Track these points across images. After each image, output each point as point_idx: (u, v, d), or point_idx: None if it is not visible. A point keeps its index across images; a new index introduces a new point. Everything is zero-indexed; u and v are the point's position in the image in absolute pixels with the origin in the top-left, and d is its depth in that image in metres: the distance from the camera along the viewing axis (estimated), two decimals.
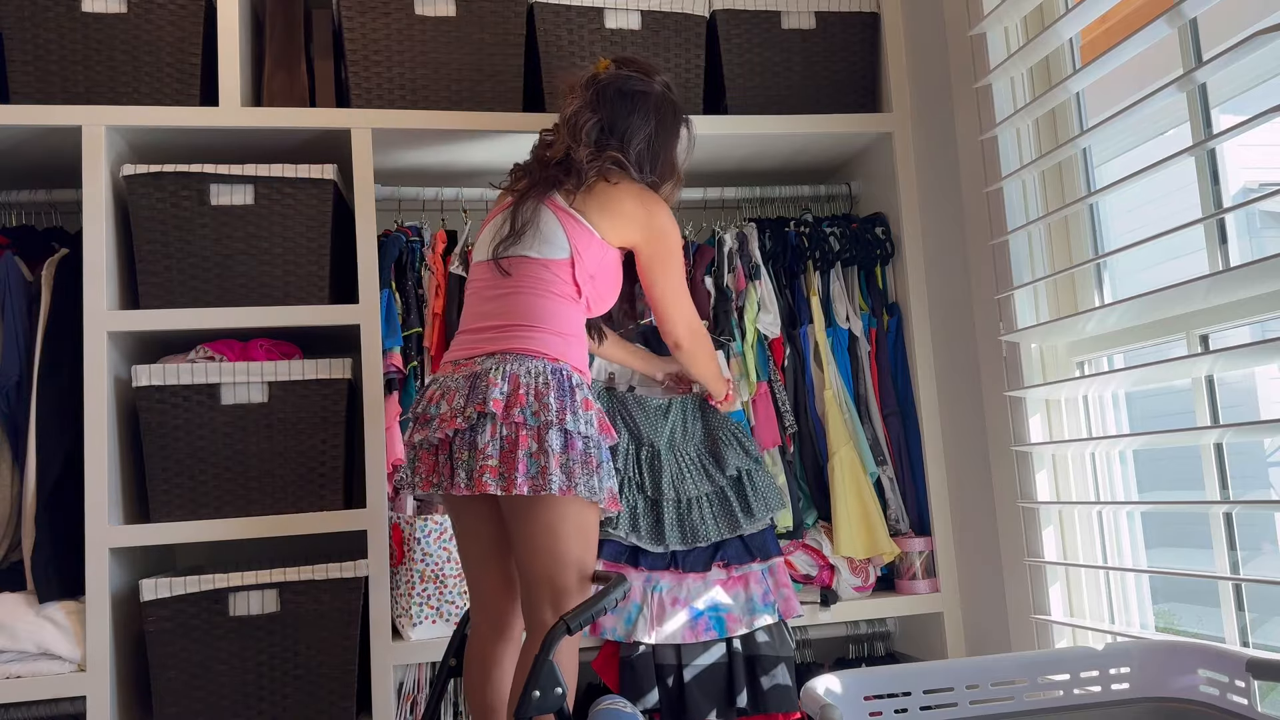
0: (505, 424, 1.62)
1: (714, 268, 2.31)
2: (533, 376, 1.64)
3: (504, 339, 1.69)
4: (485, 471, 1.59)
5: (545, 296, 1.72)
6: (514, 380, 1.63)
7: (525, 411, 1.61)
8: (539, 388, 1.63)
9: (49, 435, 1.96)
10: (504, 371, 1.64)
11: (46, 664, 1.88)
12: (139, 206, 2.02)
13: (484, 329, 1.73)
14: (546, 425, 1.61)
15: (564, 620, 1.55)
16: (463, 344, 1.75)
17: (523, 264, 1.74)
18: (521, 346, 1.68)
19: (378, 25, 2.16)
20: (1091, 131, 1.72)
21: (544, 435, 1.60)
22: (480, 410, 1.61)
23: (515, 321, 1.70)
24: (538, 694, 1.50)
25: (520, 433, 1.60)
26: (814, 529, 2.24)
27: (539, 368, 1.65)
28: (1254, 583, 1.56)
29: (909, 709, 1.40)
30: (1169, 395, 1.87)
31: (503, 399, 1.62)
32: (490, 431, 1.61)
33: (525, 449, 1.60)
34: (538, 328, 1.70)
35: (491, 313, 1.74)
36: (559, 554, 1.64)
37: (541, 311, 1.71)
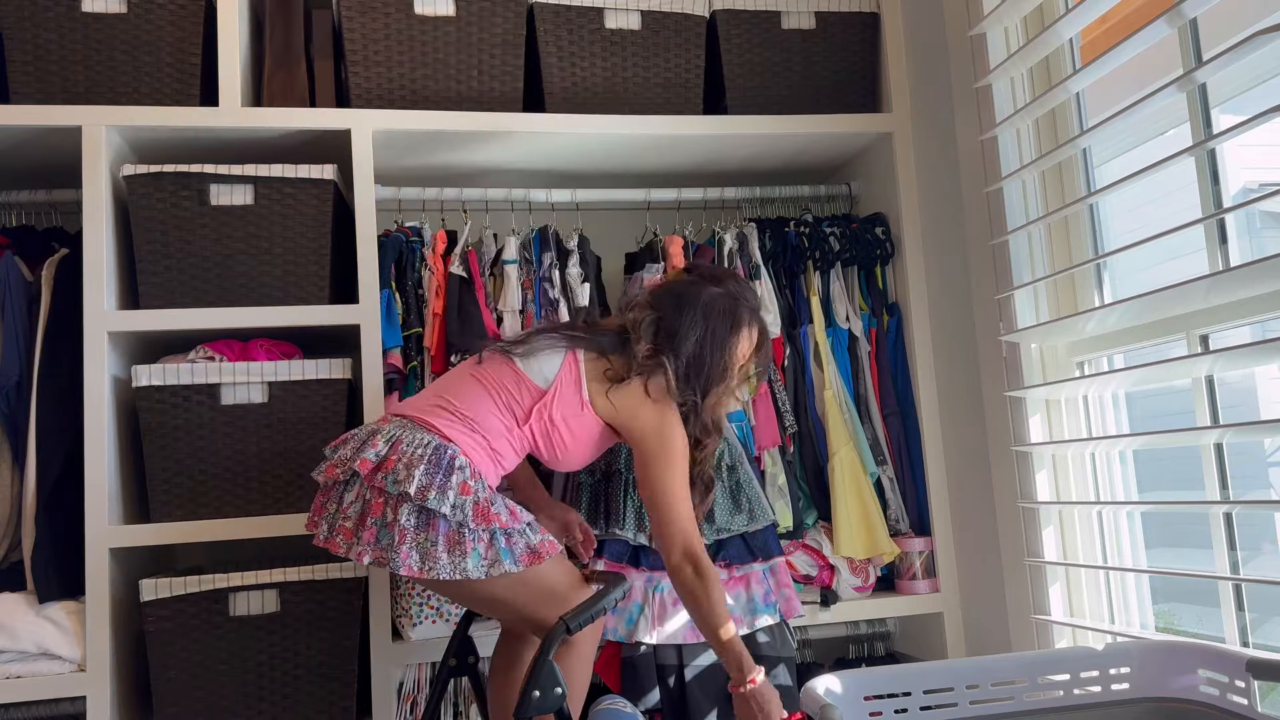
0: (369, 488, 1.57)
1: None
2: (412, 447, 1.58)
3: (427, 411, 1.66)
4: (340, 531, 1.57)
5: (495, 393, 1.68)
6: (395, 445, 1.58)
7: (388, 479, 1.55)
8: (413, 457, 1.56)
9: (49, 435, 1.96)
10: (391, 436, 1.60)
11: (46, 664, 1.88)
12: (139, 206, 2.02)
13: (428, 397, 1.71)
14: (403, 498, 1.53)
15: (563, 620, 1.55)
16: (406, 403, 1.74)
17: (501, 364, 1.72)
18: (429, 421, 1.63)
19: (378, 25, 2.16)
20: (1091, 131, 1.73)
21: (398, 508, 1.54)
22: (352, 468, 1.59)
23: (451, 404, 1.66)
24: (538, 694, 1.50)
25: (377, 499, 1.56)
26: (814, 529, 2.24)
27: (423, 440, 1.59)
28: (1254, 583, 1.56)
29: (909, 709, 1.40)
30: (1169, 395, 1.87)
31: (374, 461, 1.57)
32: (355, 492, 1.59)
33: (378, 517, 1.55)
34: (457, 412, 1.65)
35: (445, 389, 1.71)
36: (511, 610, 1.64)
37: (475, 400, 1.67)
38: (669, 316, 1.77)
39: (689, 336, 1.76)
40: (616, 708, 1.89)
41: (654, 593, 2.03)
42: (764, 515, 2.10)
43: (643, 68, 2.28)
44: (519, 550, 1.57)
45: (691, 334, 1.76)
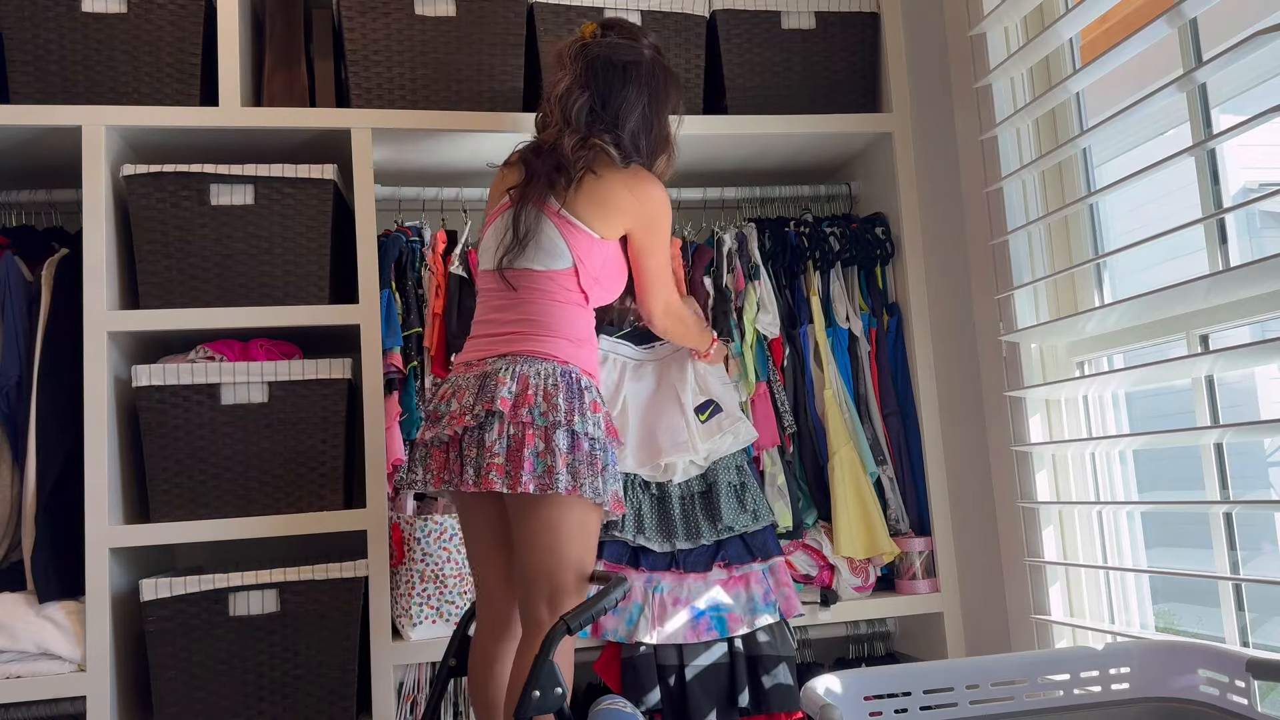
0: (513, 423, 1.63)
1: (713, 268, 2.31)
2: (542, 378, 1.66)
3: (515, 341, 1.71)
4: (492, 469, 1.61)
5: (553, 304, 1.74)
6: (523, 380, 1.66)
7: (533, 411, 1.63)
8: (548, 389, 1.65)
9: (49, 435, 1.96)
10: (514, 372, 1.66)
11: (46, 664, 1.88)
12: (139, 206, 2.02)
13: (495, 333, 1.75)
14: (554, 425, 1.63)
15: (564, 620, 1.55)
16: (474, 347, 1.77)
17: (529, 276, 1.75)
18: (531, 349, 1.70)
19: (378, 25, 2.16)
20: (1091, 131, 1.73)
21: (551, 435, 1.62)
22: (488, 408, 1.63)
23: (525, 327, 1.72)
24: (538, 694, 1.50)
25: (527, 432, 1.62)
26: (814, 529, 2.24)
27: (548, 369, 1.68)
28: (1254, 583, 1.56)
29: (909, 709, 1.40)
30: (1169, 395, 1.87)
31: (510, 398, 1.64)
32: (498, 430, 1.63)
33: (532, 448, 1.62)
34: (548, 332, 1.72)
35: (502, 319, 1.76)
36: (559, 552, 1.65)
37: (551, 317, 1.73)
38: (605, 90, 1.79)
39: (634, 108, 1.80)
40: (616, 708, 1.89)
41: (653, 593, 2.03)
42: (765, 515, 2.10)
43: None
44: (610, 490, 1.69)
45: (636, 105, 1.80)
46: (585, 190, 1.76)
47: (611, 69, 1.80)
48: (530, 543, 1.67)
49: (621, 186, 1.78)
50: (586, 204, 1.76)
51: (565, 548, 1.66)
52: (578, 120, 1.78)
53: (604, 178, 1.77)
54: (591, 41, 1.83)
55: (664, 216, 1.84)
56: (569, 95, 1.79)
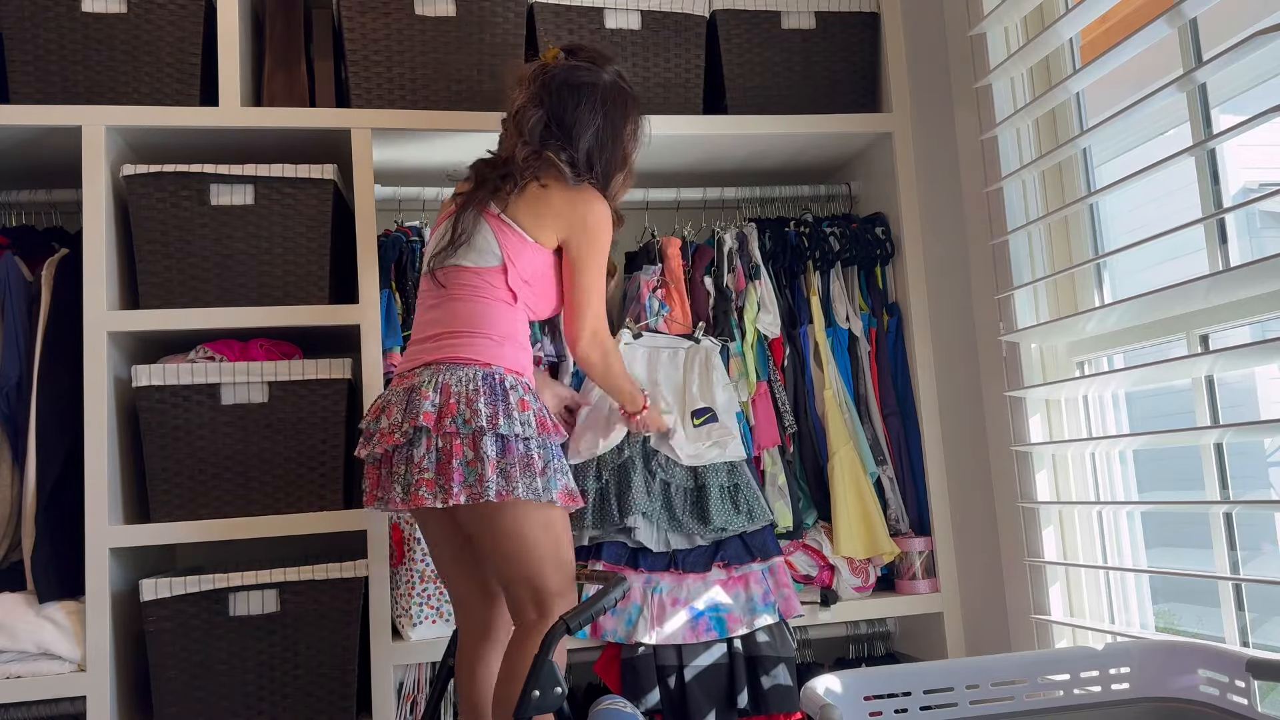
0: (439, 435, 1.62)
1: (713, 268, 2.31)
2: (463, 384, 1.64)
3: (437, 349, 1.70)
4: (421, 485, 1.60)
5: (477, 301, 1.73)
6: (445, 390, 1.64)
7: (457, 421, 1.61)
8: (469, 394, 1.63)
9: (49, 435, 1.96)
10: (435, 383, 1.65)
11: (46, 664, 1.88)
12: (139, 206, 2.02)
13: (422, 340, 1.74)
14: (480, 432, 1.61)
15: (564, 620, 1.55)
16: (406, 357, 1.77)
17: (456, 273, 1.75)
18: (452, 355, 1.68)
19: (378, 25, 2.16)
20: (1091, 131, 1.73)
21: (479, 442, 1.61)
22: (414, 424, 1.62)
23: (448, 330, 1.71)
24: (537, 694, 1.50)
25: (454, 442, 1.61)
26: (814, 529, 2.24)
27: (469, 375, 1.65)
28: (1254, 583, 1.56)
29: (909, 709, 1.40)
30: (1169, 395, 1.87)
31: (434, 411, 1.62)
32: (425, 445, 1.62)
33: (460, 458, 1.60)
34: (469, 333, 1.70)
35: (429, 323, 1.75)
36: (527, 556, 1.65)
37: (473, 316, 1.71)
38: (559, 109, 1.79)
39: (587, 127, 1.80)
40: (616, 708, 1.89)
41: (652, 594, 2.03)
42: (762, 515, 2.10)
43: (643, 67, 2.28)
44: (559, 486, 1.67)
45: (590, 125, 1.80)
46: (528, 197, 1.77)
47: (567, 89, 1.81)
48: (497, 553, 1.67)
49: (561, 197, 1.78)
50: (525, 210, 1.76)
51: (532, 550, 1.65)
52: (531, 135, 1.79)
53: (549, 189, 1.78)
54: (552, 65, 1.84)
55: (602, 230, 1.80)
56: (524, 112, 1.80)
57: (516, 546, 1.65)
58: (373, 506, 1.73)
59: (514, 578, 1.67)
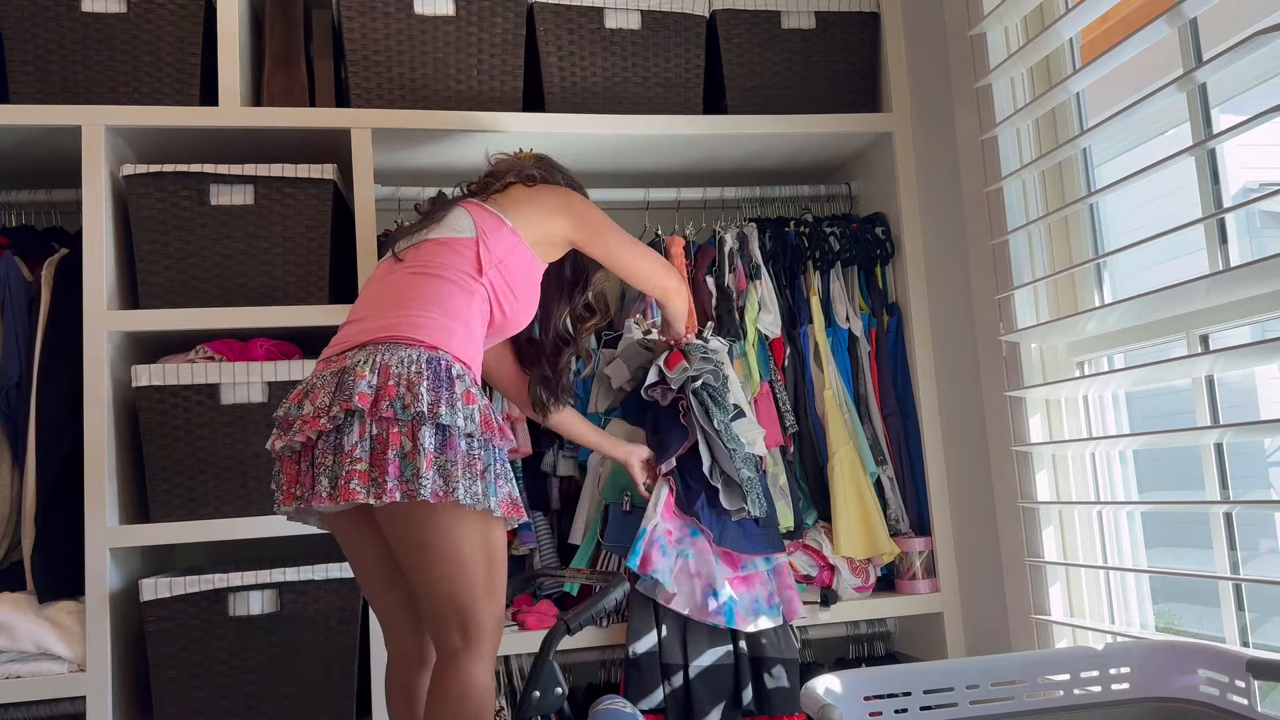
0: (374, 421, 1.43)
1: (714, 267, 2.31)
2: (405, 365, 1.46)
3: (377, 328, 1.52)
4: (353, 477, 1.40)
5: (434, 277, 1.58)
6: (384, 371, 1.45)
7: (395, 405, 1.42)
8: (410, 377, 1.45)
9: (49, 435, 1.96)
10: (373, 363, 1.46)
11: (46, 664, 1.88)
12: (139, 206, 2.02)
13: (358, 319, 1.58)
14: (419, 419, 1.42)
15: (564, 620, 1.55)
16: (335, 340, 1.59)
17: (419, 248, 1.63)
18: (393, 334, 1.51)
19: (378, 25, 2.16)
20: (1091, 131, 1.73)
21: (417, 431, 1.42)
22: (346, 408, 1.43)
23: (393, 306, 1.54)
24: (538, 694, 1.50)
25: (391, 430, 1.42)
26: (814, 529, 2.24)
27: (412, 355, 1.48)
28: (1254, 583, 1.56)
29: (909, 709, 1.40)
30: (1169, 395, 1.87)
31: (370, 393, 1.43)
32: (359, 431, 1.43)
33: (397, 448, 1.41)
34: (417, 311, 1.53)
35: (370, 300, 1.60)
36: (458, 575, 1.45)
37: (424, 292, 1.56)
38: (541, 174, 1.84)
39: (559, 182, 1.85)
40: (616, 708, 1.89)
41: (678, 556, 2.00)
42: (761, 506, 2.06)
43: (643, 67, 2.28)
44: (501, 494, 1.49)
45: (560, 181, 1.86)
46: (511, 194, 1.77)
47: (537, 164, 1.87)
48: (418, 564, 1.46)
49: (549, 191, 1.79)
50: (510, 203, 1.75)
51: (463, 570, 1.45)
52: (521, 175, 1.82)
53: (533, 188, 1.79)
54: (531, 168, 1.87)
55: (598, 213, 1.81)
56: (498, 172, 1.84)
57: (447, 563, 1.45)
58: (288, 507, 1.52)
59: (439, 596, 1.46)
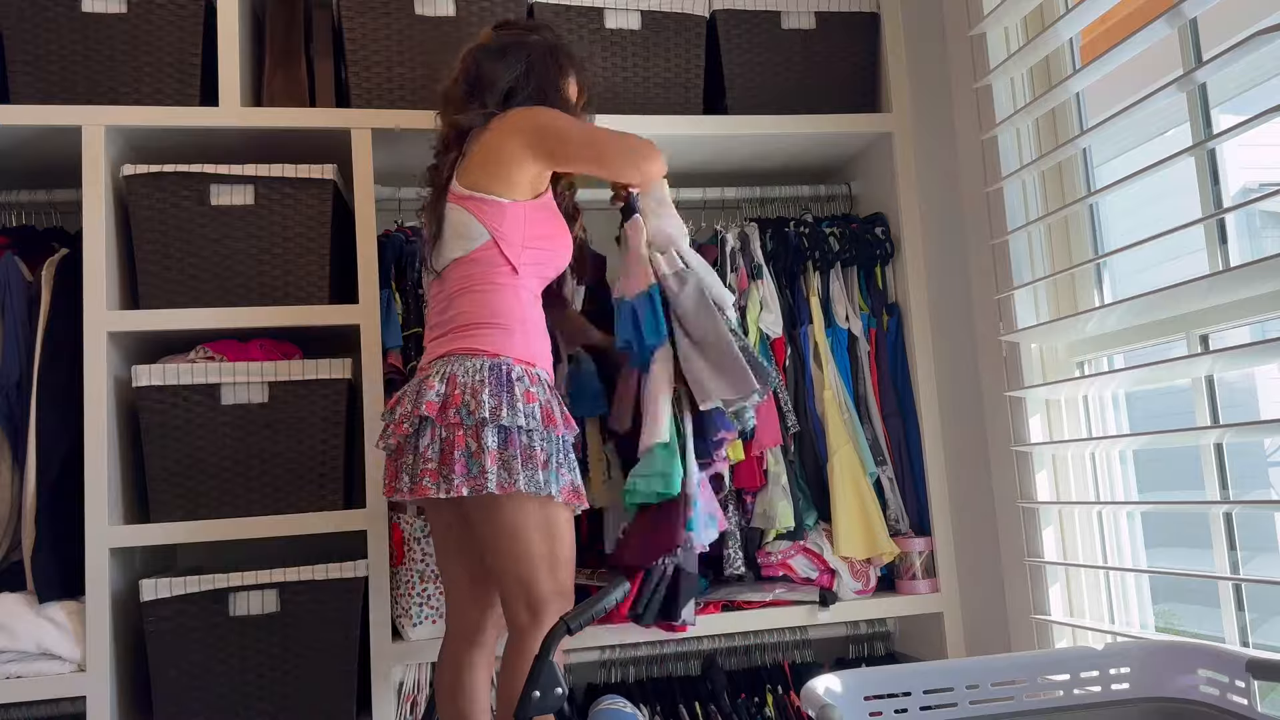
0: (442, 425, 1.63)
1: (717, 267, 2.31)
2: (469, 375, 1.65)
3: (447, 341, 1.72)
4: (425, 475, 1.62)
5: (479, 290, 1.72)
6: (451, 381, 1.65)
7: (461, 411, 1.62)
8: (474, 385, 1.63)
9: (49, 435, 1.96)
10: (443, 374, 1.67)
11: (46, 664, 1.88)
12: (139, 206, 2.02)
13: (433, 336, 1.76)
14: (481, 423, 1.61)
15: (564, 620, 1.54)
16: (425, 354, 1.79)
17: (453, 267, 1.76)
18: (460, 346, 1.69)
19: (378, 25, 2.16)
20: (1091, 131, 1.73)
21: (480, 433, 1.61)
22: (418, 414, 1.64)
23: (456, 324, 1.72)
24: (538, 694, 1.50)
25: (457, 433, 1.62)
26: (815, 531, 2.23)
27: (475, 365, 1.66)
28: (1254, 583, 1.56)
29: (909, 709, 1.40)
30: (1169, 395, 1.87)
31: (438, 401, 1.63)
32: (430, 435, 1.63)
33: (463, 449, 1.61)
34: (477, 325, 1.70)
35: (438, 318, 1.76)
36: (523, 554, 1.65)
37: (478, 307, 1.71)
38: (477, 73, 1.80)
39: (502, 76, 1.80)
40: (616, 708, 1.89)
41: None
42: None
43: (643, 67, 2.28)
44: (564, 482, 1.68)
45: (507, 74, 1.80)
46: (472, 159, 1.77)
47: (487, 54, 1.83)
48: (493, 548, 1.67)
49: (493, 133, 1.75)
50: (477, 171, 1.74)
51: (526, 549, 1.65)
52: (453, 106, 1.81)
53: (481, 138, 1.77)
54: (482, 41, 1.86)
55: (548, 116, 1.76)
56: (449, 91, 1.82)
57: (512, 543, 1.65)
58: (391, 497, 1.74)
59: (508, 576, 1.67)
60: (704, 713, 2.18)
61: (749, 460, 2.19)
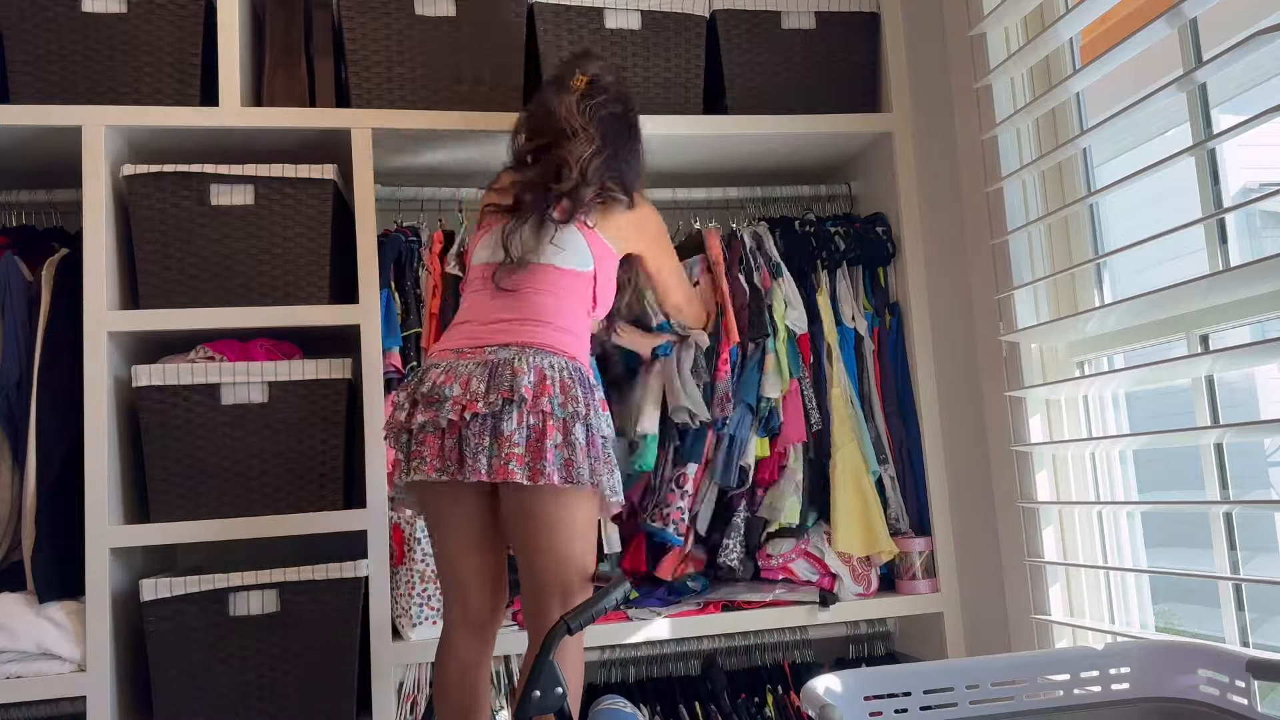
0: (533, 412, 1.61)
1: (742, 265, 2.31)
2: (557, 370, 1.66)
3: (521, 333, 1.70)
4: (511, 459, 1.58)
5: (564, 298, 1.76)
6: (539, 371, 1.64)
7: (553, 402, 1.61)
8: (565, 381, 1.65)
9: (49, 435, 1.96)
10: (528, 363, 1.65)
11: (46, 664, 1.88)
12: (139, 206, 2.02)
13: (495, 321, 1.72)
14: (574, 418, 1.62)
15: (564, 620, 1.55)
16: (467, 334, 1.73)
17: (544, 270, 1.77)
18: (541, 341, 1.69)
19: (378, 25, 2.16)
20: (1091, 131, 1.73)
21: (570, 428, 1.62)
22: (507, 397, 1.60)
23: (530, 318, 1.72)
24: (538, 694, 1.50)
25: (548, 422, 1.61)
26: (817, 534, 2.23)
27: (561, 363, 1.68)
28: (1254, 583, 1.56)
29: (909, 709, 1.40)
30: (1169, 395, 1.87)
31: (532, 388, 1.62)
32: (517, 419, 1.60)
33: (552, 439, 1.60)
34: (554, 326, 1.72)
35: (503, 308, 1.74)
36: (568, 550, 1.66)
37: (559, 311, 1.74)
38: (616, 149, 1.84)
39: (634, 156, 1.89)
40: (616, 708, 1.89)
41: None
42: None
43: (643, 67, 2.28)
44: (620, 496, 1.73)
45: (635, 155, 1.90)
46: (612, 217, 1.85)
47: (618, 124, 1.87)
48: (538, 540, 1.65)
49: (628, 219, 1.87)
50: (610, 226, 1.84)
51: (575, 545, 1.66)
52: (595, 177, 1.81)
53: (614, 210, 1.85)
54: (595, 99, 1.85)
55: (665, 233, 1.97)
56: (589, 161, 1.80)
57: (568, 539, 1.65)
58: (431, 476, 1.64)
59: (549, 570, 1.65)
60: (704, 713, 2.18)
61: (772, 456, 2.22)
